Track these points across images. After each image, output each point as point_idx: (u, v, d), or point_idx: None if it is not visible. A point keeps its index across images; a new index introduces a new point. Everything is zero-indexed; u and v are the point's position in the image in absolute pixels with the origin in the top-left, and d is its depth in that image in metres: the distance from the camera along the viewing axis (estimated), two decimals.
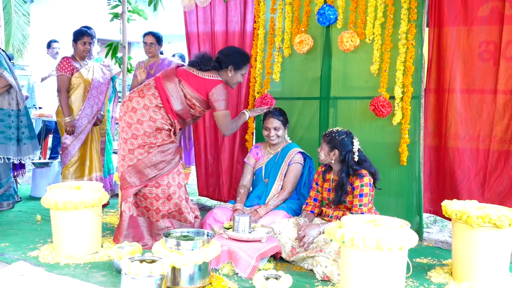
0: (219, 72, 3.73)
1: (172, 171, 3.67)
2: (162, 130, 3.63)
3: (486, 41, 3.65)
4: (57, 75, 4.83)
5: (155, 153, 3.60)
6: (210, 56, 3.77)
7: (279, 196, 3.83)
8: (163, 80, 3.68)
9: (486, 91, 3.67)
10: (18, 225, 4.28)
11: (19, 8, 11.50)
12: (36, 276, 2.97)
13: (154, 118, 3.61)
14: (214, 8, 4.79)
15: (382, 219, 2.86)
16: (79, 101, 4.83)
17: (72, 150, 4.82)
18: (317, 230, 3.29)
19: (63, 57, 4.89)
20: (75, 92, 4.83)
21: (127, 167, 3.64)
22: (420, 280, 3.12)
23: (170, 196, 3.66)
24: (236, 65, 3.73)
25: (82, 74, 4.85)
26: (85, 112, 4.84)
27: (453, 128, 3.82)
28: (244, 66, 3.79)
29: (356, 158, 3.38)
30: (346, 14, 4.09)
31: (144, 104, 3.62)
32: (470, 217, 2.93)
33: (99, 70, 5.04)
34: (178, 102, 3.65)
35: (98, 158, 5.04)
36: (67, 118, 4.74)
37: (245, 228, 3.30)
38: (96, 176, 5.00)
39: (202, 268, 2.84)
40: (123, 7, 6.56)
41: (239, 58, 3.75)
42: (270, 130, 3.93)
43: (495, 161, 3.66)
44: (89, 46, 4.90)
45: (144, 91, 3.67)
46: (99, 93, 4.94)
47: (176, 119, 3.67)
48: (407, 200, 3.93)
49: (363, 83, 4.08)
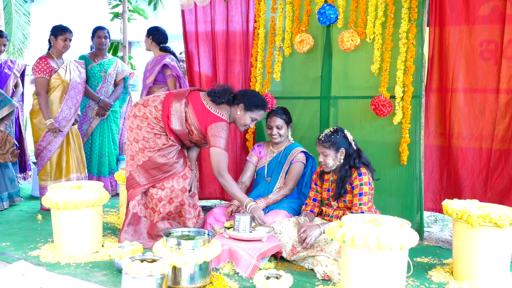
0: (231, 107, 3.64)
1: (178, 175, 3.66)
2: (161, 135, 3.64)
3: (487, 40, 3.65)
4: (35, 77, 4.65)
5: (155, 156, 3.61)
6: (231, 90, 3.65)
7: (280, 191, 3.83)
8: (172, 97, 3.67)
9: (488, 90, 3.67)
10: (19, 224, 4.29)
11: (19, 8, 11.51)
12: (37, 275, 2.97)
13: (152, 126, 3.63)
14: (214, 7, 4.77)
15: (383, 218, 2.87)
16: (57, 103, 4.71)
17: (48, 153, 4.73)
18: (318, 231, 3.29)
19: (40, 57, 4.73)
20: (53, 93, 4.71)
21: (136, 167, 3.66)
22: (421, 279, 3.12)
23: (172, 199, 3.66)
24: (246, 105, 3.60)
25: (61, 75, 4.72)
26: (63, 114, 4.72)
27: (455, 127, 3.82)
28: (256, 109, 3.63)
29: (355, 147, 3.42)
30: (347, 13, 4.09)
31: (143, 113, 3.65)
32: (470, 216, 2.93)
33: (75, 69, 4.92)
34: (178, 122, 3.61)
35: (77, 158, 4.91)
36: (48, 122, 4.60)
37: (245, 227, 3.30)
38: (73, 177, 4.84)
39: (202, 267, 2.84)
40: (123, 7, 6.57)
41: (253, 101, 3.62)
42: (272, 129, 3.93)
43: (497, 160, 3.66)
44: (69, 43, 4.75)
45: (149, 102, 3.69)
46: (76, 94, 4.83)
47: (172, 135, 3.65)
48: (407, 199, 3.93)
49: (363, 82, 4.08)
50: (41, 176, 4.80)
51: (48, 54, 4.77)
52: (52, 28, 4.79)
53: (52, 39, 4.76)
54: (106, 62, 5.39)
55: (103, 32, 5.33)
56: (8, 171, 4.89)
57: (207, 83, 4.87)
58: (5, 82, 5.31)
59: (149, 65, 5.11)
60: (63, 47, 4.73)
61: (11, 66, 5.40)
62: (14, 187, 4.94)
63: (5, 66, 5.35)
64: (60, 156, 4.82)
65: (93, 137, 5.39)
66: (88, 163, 5.30)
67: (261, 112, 3.68)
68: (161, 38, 5.04)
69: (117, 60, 5.58)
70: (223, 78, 4.76)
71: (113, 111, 5.49)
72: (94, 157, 5.40)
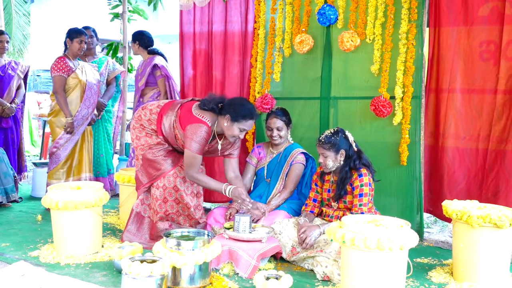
0: (218, 117, 3.57)
1: (168, 173, 3.68)
2: (152, 135, 3.75)
3: (486, 41, 3.65)
4: (54, 75, 4.75)
5: (146, 153, 3.72)
6: (221, 100, 3.56)
7: (280, 195, 3.83)
8: (171, 103, 3.79)
9: (486, 91, 3.67)
10: (19, 225, 4.28)
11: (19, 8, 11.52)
12: (36, 276, 2.97)
13: (144, 126, 3.77)
14: (213, 8, 4.78)
15: (383, 219, 2.87)
16: (76, 103, 4.82)
17: (64, 151, 4.80)
18: (318, 231, 3.29)
19: (58, 57, 4.83)
20: (72, 93, 4.81)
21: (140, 166, 3.78)
22: (421, 280, 3.12)
23: (166, 198, 3.68)
24: (233, 116, 3.45)
25: (78, 75, 4.84)
26: (82, 114, 4.84)
27: (453, 128, 3.82)
28: (243, 120, 3.46)
29: (355, 148, 3.41)
30: (347, 14, 4.09)
31: (139, 115, 3.81)
32: (470, 217, 2.93)
33: (90, 70, 5.02)
34: (167, 123, 3.67)
35: (89, 158, 5.01)
36: (69, 119, 4.73)
37: (245, 228, 3.30)
38: (86, 176, 4.96)
39: (202, 268, 2.84)
40: (123, 7, 6.57)
41: (239, 111, 3.45)
42: (273, 130, 3.93)
43: (492, 161, 3.66)
44: (85, 45, 4.89)
45: (147, 105, 3.84)
46: (93, 94, 4.94)
47: (162, 135, 3.72)
48: (407, 200, 3.93)
49: (363, 83, 4.08)
50: (53, 175, 4.83)
51: (65, 55, 4.87)
52: (68, 31, 4.90)
53: (68, 42, 4.87)
54: (97, 61, 5.40)
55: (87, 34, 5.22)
56: (2, 165, 4.87)
57: (201, 85, 4.88)
58: (9, 83, 5.34)
59: (139, 68, 5.24)
60: (78, 49, 4.85)
61: (14, 67, 5.43)
62: (9, 182, 4.91)
63: (9, 67, 5.37)
64: (72, 154, 4.90)
65: None
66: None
67: (249, 122, 3.50)
68: (146, 41, 5.19)
69: (108, 58, 5.59)
70: (221, 79, 4.76)
71: (107, 111, 5.51)
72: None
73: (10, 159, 5.28)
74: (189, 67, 4.96)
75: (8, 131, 5.45)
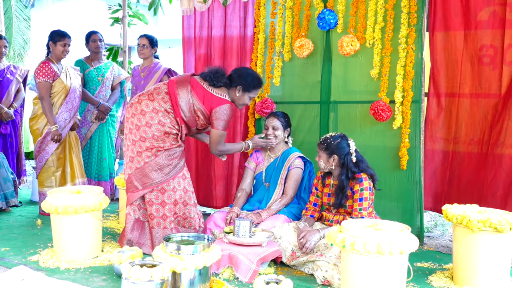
0: (229, 90, 3.69)
1: (178, 175, 3.63)
2: (170, 135, 3.60)
3: (486, 45, 3.65)
4: (39, 81, 4.61)
5: (162, 156, 3.56)
6: (224, 72, 3.70)
7: (281, 201, 3.83)
8: (176, 85, 3.64)
9: (487, 95, 3.67)
10: (18, 229, 4.28)
11: (20, 13, 11.54)
12: (36, 280, 2.97)
13: (163, 122, 3.57)
14: (213, 13, 4.81)
15: (383, 223, 2.86)
16: (57, 107, 4.73)
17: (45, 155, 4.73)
18: (318, 236, 3.28)
19: (42, 61, 4.70)
20: (55, 98, 4.72)
21: (135, 170, 3.59)
22: (421, 284, 3.12)
23: (176, 201, 3.61)
24: (245, 87, 3.66)
25: (63, 80, 4.74)
26: (63, 116, 4.73)
27: (454, 132, 3.82)
28: (254, 89, 3.72)
29: (354, 159, 3.38)
30: (346, 18, 4.10)
31: (153, 107, 3.58)
32: (470, 221, 2.93)
33: (73, 74, 4.93)
34: (186, 108, 3.60)
35: (79, 163, 4.95)
36: (54, 127, 4.61)
37: (245, 232, 3.30)
38: (79, 182, 4.89)
39: (202, 272, 2.84)
40: (123, 12, 6.59)
41: (250, 81, 3.68)
42: (268, 129, 3.94)
43: (491, 164, 3.66)
44: (68, 48, 4.74)
45: (154, 95, 3.62)
46: (76, 97, 4.84)
47: (183, 123, 3.65)
48: (407, 204, 3.93)
49: (363, 87, 4.09)
50: (44, 182, 4.79)
51: (49, 59, 4.75)
52: (50, 33, 4.76)
53: (50, 45, 4.73)
54: (103, 66, 5.41)
55: (97, 36, 5.33)
56: (2, 170, 4.87)
57: None
58: (7, 87, 5.33)
59: (141, 72, 5.10)
60: (62, 52, 4.71)
61: (13, 71, 5.41)
62: (8, 187, 4.89)
63: (8, 71, 5.36)
64: (63, 161, 4.84)
65: (92, 141, 5.40)
66: (86, 167, 5.31)
67: (258, 90, 3.79)
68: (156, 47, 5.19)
69: (113, 64, 5.61)
70: None
71: (111, 115, 5.53)
72: (93, 161, 5.40)
73: (9, 163, 5.28)
74: (191, 71, 4.97)
75: (7, 135, 5.45)
